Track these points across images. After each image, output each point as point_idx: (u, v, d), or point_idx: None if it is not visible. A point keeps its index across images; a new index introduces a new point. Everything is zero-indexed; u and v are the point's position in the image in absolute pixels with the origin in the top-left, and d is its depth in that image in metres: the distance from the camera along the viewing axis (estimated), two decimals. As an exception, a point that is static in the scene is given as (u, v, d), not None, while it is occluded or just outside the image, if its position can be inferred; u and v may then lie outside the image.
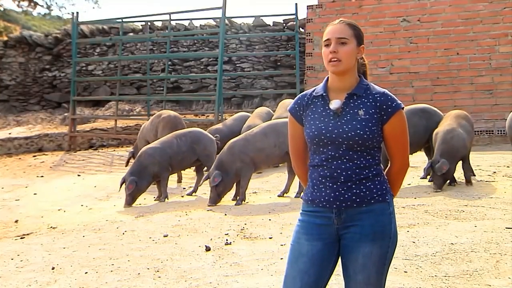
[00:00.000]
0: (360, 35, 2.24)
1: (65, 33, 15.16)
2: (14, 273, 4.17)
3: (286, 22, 13.76)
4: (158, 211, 6.04)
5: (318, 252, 2.18)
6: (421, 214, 5.03)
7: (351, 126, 2.14)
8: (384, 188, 2.20)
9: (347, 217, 2.17)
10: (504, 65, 10.06)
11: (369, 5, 10.76)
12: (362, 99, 2.19)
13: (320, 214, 2.20)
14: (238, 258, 4.12)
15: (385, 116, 2.17)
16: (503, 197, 5.65)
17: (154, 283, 3.73)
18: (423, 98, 10.20)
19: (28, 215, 6.56)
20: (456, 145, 6.16)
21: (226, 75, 13.26)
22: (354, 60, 2.21)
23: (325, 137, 2.17)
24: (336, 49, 2.18)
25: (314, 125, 2.20)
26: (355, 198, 2.15)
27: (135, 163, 6.81)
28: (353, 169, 2.15)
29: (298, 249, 2.21)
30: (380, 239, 2.15)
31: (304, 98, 2.29)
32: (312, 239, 2.20)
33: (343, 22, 2.24)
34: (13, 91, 15.30)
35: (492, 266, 3.67)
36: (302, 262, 2.18)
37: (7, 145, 12.28)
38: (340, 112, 2.18)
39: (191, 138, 7.03)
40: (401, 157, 2.25)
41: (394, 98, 2.20)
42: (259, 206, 5.98)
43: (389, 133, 2.19)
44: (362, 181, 2.16)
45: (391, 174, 2.27)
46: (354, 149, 2.15)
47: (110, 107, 14.03)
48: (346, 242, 2.18)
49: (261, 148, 6.25)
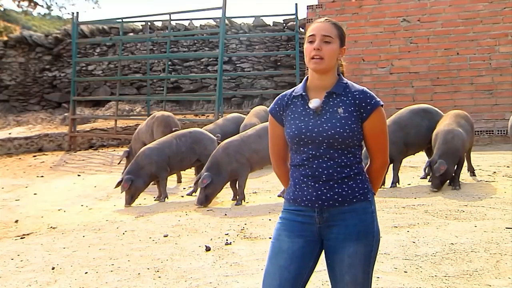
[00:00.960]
0: (344, 36, 2.24)
1: (65, 33, 15.17)
2: (14, 273, 4.17)
3: (286, 22, 13.76)
4: (158, 211, 6.04)
5: (299, 249, 2.18)
6: (421, 214, 5.03)
7: (331, 125, 2.14)
8: (366, 186, 2.20)
9: (329, 216, 2.17)
10: (504, 65, 10.06)
11: (369, 5, 10.76)
12: (342, 97, 2.19)
13: (302, 213, 2.20)
14: (238, 258, 4.12)
15: (365, 114, 2.17)
16: (503, 197, 5.65)
17: (154, 283, 3.73)
18: (423, 98, 10.20)
19: (28, 215, 6.56)
20: (457, 145, 6.15)
21: (226, 75, 13.26)
22: (335, 60, 2.22)
23: (306, 136, 2.16)
24: (320, 46, 2.18)
25: (294, 125, 2.20)
26: (337, 197, 2.15)
27: (133, 163, 6.81)
28: (334, 168, 2.15)
29: (279, 245, 2.21)
30: (364, 238, 2.15)
31: (284, 98, 2.29)
32: (293, 236, 2.19)
33: (329, 21, 2.24)
34: (13, 91, 15.30)
35: (492, 266, 3.67)
36: (283, 258, 2.18)
37: (7, 145, 12.28)
38: (320, 111, 2.18)
39: (191, 138, 7.02)
40: (381, 155, 2.25)
41: (373, 95, 2.20)
42: (259, 206, 5.98)
43: (369, 131, 2.19)
44: (344, 180, 2.15)
45: (372, 172, 2.27)
46: (335, 147, 2.15)
47: (110, 107, 14.03)
48: (330, 243, 2.18)
49: (256, 149, 6.25)
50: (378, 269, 3.57)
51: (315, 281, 3.41)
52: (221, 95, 11.03)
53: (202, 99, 13.62)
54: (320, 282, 3.45)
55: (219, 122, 9.16)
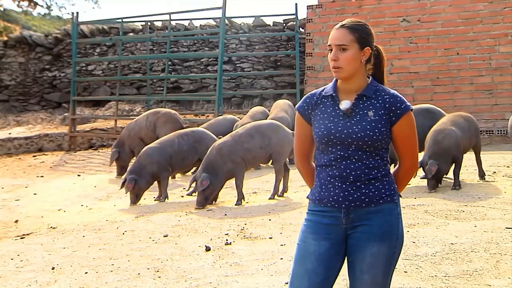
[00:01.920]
0: (363, 37, 2.22)
1: (65, 33, 15.16)
2: (14, 273, 4.17)
3: (286, 22, 13.75)
4: (158, 211, 6.04)
5: (326, 251, 2.18)
6: (421, 214, 5.03)
7: (361, 127, 2.15)
8: (393, 188, 2.22)
9: (356, 217, 2.18)
10: (504, 65, 10.06)
11: (369, 5, 10.76)
12: (372, 100, 2.20)
13: (328, 214, 2.21)
14: (238, 258, 4.12)
15: (394, 118, 2.18)
16: (503, 197, 5.65)
17: (154, 283, 3.73)
18: (423, 98, 10.21)
19: (28, 215, 6.56)
20: (448, 144, 6.14)
21: (226, 75, 13.26)
22: (357, 65, 2.20)
23: (335, 137, 2.17)
24: (336, 56, 2.19)
25: (323, 125, 2.21)
26: (364, 198, 2.16)
27: (135, 163, 6.83)
28: (362, 169, 2.16)
29: (305, 248, 2.21)
30: (388, 239, 2.16)
31: (313, 97, 2.29)
32: (319, 238, 2.20)
33: (345, 25, 2.22)
34: (13, 91, 15.29)
35: (492, 266, 3.67)
36: (310, 261, 2.18)
37: (7, 145, 12.28)
38: (350, 112, 2.19)
39: (193, 137, 7.02)
40: (410, 158, 2.26)
41: (403, 100, 2.21)
42: (259, 206, 5.98)
43: (398, 135, 2.20)
44: (371, 181, 2.17)
45: (399, 175, 2.29)
46: (363, 149, 2.16)
47: (110, 107, 14.03)
48: (353, 241, 2.18)
49: (249, 149, 6.23)
50: (378, 269, 3.57)
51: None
52: (221, 95, 11.03)
53: (202, 99, 13.62)
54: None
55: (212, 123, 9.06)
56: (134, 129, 8.82)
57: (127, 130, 8.93)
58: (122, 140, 8.81)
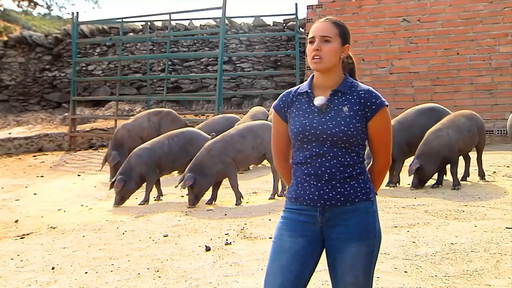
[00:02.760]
0: (345, 34, 2.24)
1: (65, 33, 15.17)
2: (14, 273, 4.17)
3: (286, 22, 13.76)
4: (158, 211, 6.04)
5: (301, 248, 2.17)
6: (421, 214, 5.03)
7: (335, 123, 2.14)
8: (368, 186, 2.20)
9: (331, 215, 2.16)
10: (504, 65, 10.06)
11: (369, 5, 10.76)
12: (347, 95, 2.19)
13: (304, 212, 2.20)
14: (238, 258, 4.12)
15: (369, 113, 2.17)
16: (503, 197, 5.65)
17: (154, 283, 3.73)
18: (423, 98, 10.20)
19: (28, 215, 6.56)
20: (437, 145, 6.16)
21: (226, 75, 13.26)
22: (337, 59, 2.21)
23: (310, 133, 2.16)
24: (319, 46, 2.19)
25: (298, 122, 2.20)
26: (339, 197, 2.15)
27: (125, 164, 6.76)
28: (337, 167, 2.15)
29: (280, 245, 2.20)
30: (366, 238, 2.15)
31: (289, 95, 2.29)
32: (295, 235, 2.19)
33: (329, 20, 2.25)
34: (13, 91, 15.30)
35: (492, 266, 3.67)
36: (284, 258, 2.17)
37: (7, 145, 12.28)
38: (325, 108, 2.18)
39: (184, 138, 6.96)
40: (384, 154, 2.25)
41: (378, 95, 2.20)
42: (259, 206, 5.98)
43: (373, 130, 2.19)
44: (346, 180, 2.15)
45: (374, 172, 2.27)
46: (338, 145, 2.15)
47: (110, 107, 14.04)
48: (332, 243, 2.17)
49: (240, 149, 6.23)
50: (378, 269, 3.57)
51: (315, 281, 3.41)
52: (221, 95, 11.03)
53: (202, 99, 13.62)
54: (320, 282, 3.45)
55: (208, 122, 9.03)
56: (135, 129, 8.74)
57: (125, 131, 8.79)
58: (120, 141, 8.64)
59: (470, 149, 6.62)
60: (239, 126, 6.65)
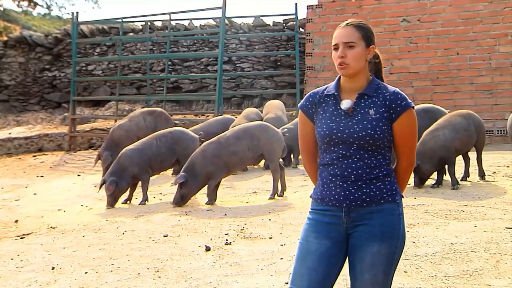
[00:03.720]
0: (369, 36, 2.24)
1: (65, 33, 15.17)
2: (14, 273, 4.17)
3: (286, 22, 13.76)
4: (158, 211, 6.04)
5: (327, 250, 2.19)
6: (421, 214, 5.03)
7: (362, 126, 2.15)
8: (394, 188, 2.21)
9: (357, 216, 2.17)
10: (504, 65, 10.06)
11: (369, 5, 10.76)
12: (373, 98, 2.20)
13: (329, 213, 2.21)
14: (238, 258, 4.12)
15: (394, 115, 2.18)
16: (503, 197, 5.65)
17: (154, 283, 3.73)
18: (423, 98, 10.21)
19: (28, 215, 6.55)
20: (433, 146, 6.22)
21: (226, 75, 13.26)
22: (363, 62, 2.22)
23: (336, 136, 2.18)
24: (344, 53, 2.19)
25: (325, 124, 2.21)
26: (365, 198, 2.16)
27: (115, 164, 6.70)
28: (363, 169, 2.16)
29: (307, 247, 2.22)
30: (389, 239, 2.16)
31: (316, 95, 2.29)
32: (321, 237, 2.20)
33: (351, 24, 2.24)
34: (13, 91, 15.30)
35: (492, 266, 3.67)
36: (311, 259, 2.19)
37: (7, 145, 12.28)
38: (351, 112, 2.19)
39: (171, 138, 6.92)
40: (408, 156, 2.26)
41: (404, 97, 2.20)
42: (259, 206, 5.97)
43: (398, 132, 2.19)
44: (373, 181, 2.16)
45: (398, 173, 2.28)
46: (365, 148, 2.16)
47: (110, 107, 14.04)
48: (354, 241, 2.19)
49: (235, 151, 6.20)
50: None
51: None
52: (221, 95, 11.03)
53: (202, 99, 13.62)
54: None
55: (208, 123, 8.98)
56: (132, 129, 8.69)
57: (122, 131, 8.73)
58: (115, 141, 8.52)
59: (469, 149, 6.62)
60: (235, 128, 6.63)
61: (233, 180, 7.72)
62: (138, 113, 9.14)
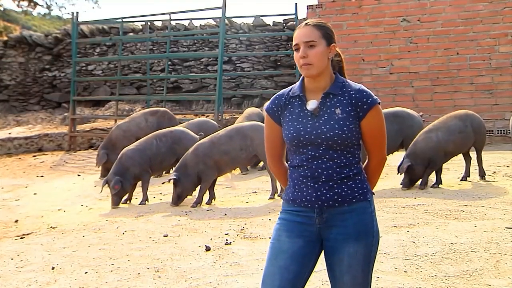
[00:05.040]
0: (329, 34, 2.21)
1: (65, 33, 15.17)
2: (14, 273, 4.17)
3: (286, 22, 13.76)
4: (158, 211, 6.04)
5: (299, 249, 2.17)
6: (421, 214, 5.03)
7: (329, 126, 2.13)
8: (365, 186, 2.20)
9: (329, 216, 2.16)
10: (504, 65, 10.06)
11: (369, 5, 10.76)
12: (338, 97, 2.18)
13: (301, 214, 2.20)
14: (238, 258, 4.12)
15: (361, 113, 2.16)
16: (503, 197, 5.65)
17: (154, 283, 3.73)
18: (423, 98, 10.22)
19: (28, 215, 6.56)
20: (424, 147, 6.26)
21: (226, 75, 13.26)
22: (325, 61, 2.19)
23: (304, 138, 2.16)
24: (305, 53, 2.16)
25: (292, 126, 2.19)
26: (336, 198, 2.15)
27: (117, 165, 6.70)
28: (333, 168, 2.14)
29: (279, 246, 2.20)
30: (364, 238, 2.15)
31: (282, 98, 2.27)
32: (293, 236, 2.19)
33: (310, 24, 2.22)
34: (13, 91, 15.30)
35: (492, 266, 3.67)
36: (283, 258, 2.17)
37: (7, 145, 12.28)
38: (317, 112, 2.17)
39: (172, 138, 6.94)
40: (378, 152, 2.25)
41: (370, 93, 2.19)
42: (259, 206, 5.98)
43: (366, 129, 2.18)
44: (344, 180, 2.15)
45: (369, 170, 2.27)
46: (334, 148, 2.14)
47: (110, 107, 14.04)
48: (330, 243, 2.17)
49: (226, 151, 6.20)
50: (378, 269, 3.57)
51: (315, 281, 3.41)
52: (221, 95, 11.03)
53: (202, 99, 13.62)
54: (320, 282, 3.45)
55: None
56: (131, 130, 8.69)
57: (120, 131, 8.73)
58: (113, 141, 8.58)
59: (465, 150, 6.58)
60: (228, 128, 6.62)
61: (233, 180, 7.73)
62: (140, 114, 9.14)
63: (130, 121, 8.94)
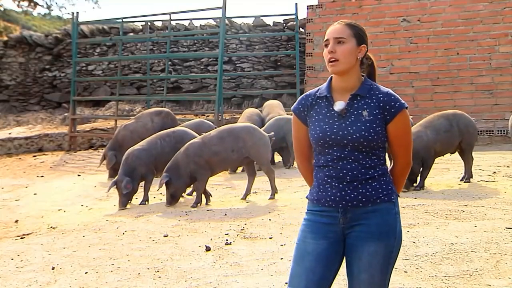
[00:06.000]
0: (360, 35, 2.23)
1: (65, 33, 15.17)
2: (14, 273, 4.17)
3: (286, 22, 13.77)
4: (158, 211, 6.04)
5: (324, 250, 2.19)
6: (421, 214, 5.03)
7: (356, 128, 2.15)
8: (390, 188, 2.21)
9: (353, 216, 2.17)
10: (504, 65, 10.06)
11: (369, 5, 10.76)
12: (366, 99, 2.19)
13: (325, 214, 2.21)
14: (238, 258, 4.12)
15: (389, 116, 2.17)
16: (503, 197, 5.65)
17: (154, 283, 3.73)
18: (423, 98, 10.22)
19: (28, 215, 6.55)
20: (417, 146, 6.16)
21: (226, 75, 13.27)
22: (353, 60, 2.20)
23: (330, 139, 2.17)
24: (334, 48, 2.18)
25: (318, 127, 2.20)
26: (361, 198, 2.16)
27: (124, 165, 6.69)
28: (358, 169, 2.15)
29: (304, 247, 2.22)
30: (386, 239, 2.15)
31: (308, 98, 2.28)
32: (318, 237, 2.20)
33: (343, 22, 2.24)
34: (13, 91, 15.30)
35: (492, 266, 3.67)
36: (308, 260, 2.19)
37: (7, 145, 12.28)
38: (344, 113, 2.18)
39: (175, 138, 6.95)
40: (404, 156, 2.26)
41: (398, 98, 2.21)
42: (259, 206, 5.97)
43: (393, 133, 2.19)
44: (368, 181, 2.16)
45: (395, 173, 2.28)
46: (360, 149, 2.15)
47: (110, 107, 14.04)
48: (351, 241, 2.18)
49: (217, 151, 6.17)
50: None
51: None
52: (221, 95, 11.03)
53: (202, 99, 13.62)
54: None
55: None
56: (138, 130, 8.67)
57: (127, 132, 8.73)
58: (120, 142, 8.57)
59: (452, 150, 6.55)
60: (220, 128, 6.61)
61: (233, 180, 7.73)
62: (146, 114, 9.12)
63: (137, 122, 8.93)
